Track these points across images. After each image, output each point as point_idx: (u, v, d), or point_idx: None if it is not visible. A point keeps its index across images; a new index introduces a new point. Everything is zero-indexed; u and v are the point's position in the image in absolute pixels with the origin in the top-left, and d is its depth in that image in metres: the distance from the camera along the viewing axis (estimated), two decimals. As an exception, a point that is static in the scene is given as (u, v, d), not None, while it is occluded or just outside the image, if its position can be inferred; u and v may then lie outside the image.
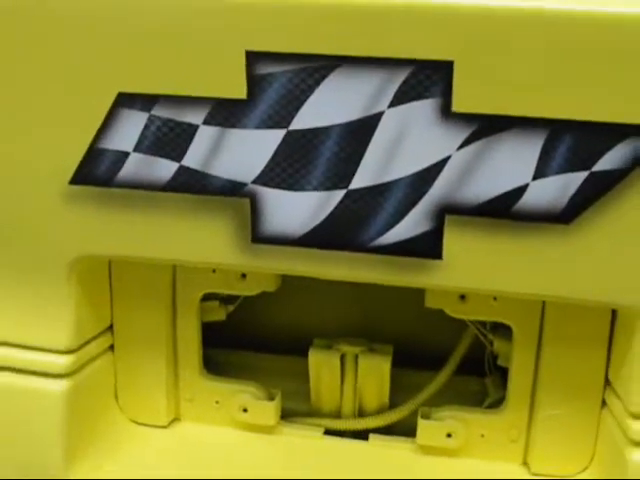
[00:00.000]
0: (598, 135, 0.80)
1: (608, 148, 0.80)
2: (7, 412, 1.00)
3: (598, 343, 0.97)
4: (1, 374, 1.00)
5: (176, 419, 1.12)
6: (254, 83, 0.83)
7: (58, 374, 0.98)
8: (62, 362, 0.98)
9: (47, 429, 0.99)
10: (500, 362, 1.07)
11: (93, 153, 0.88)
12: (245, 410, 1.08)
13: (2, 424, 1.01)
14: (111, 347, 1.08)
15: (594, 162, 0.81)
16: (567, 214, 0.83)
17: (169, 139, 0.86)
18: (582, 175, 0.81)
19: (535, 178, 0.82)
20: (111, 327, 1.07)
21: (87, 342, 1.02)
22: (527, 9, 0.77)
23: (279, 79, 0.82)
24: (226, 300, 1.11)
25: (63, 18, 0.84)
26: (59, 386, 0.98)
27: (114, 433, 1.08)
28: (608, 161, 0.80)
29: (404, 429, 1.09)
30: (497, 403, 1.07)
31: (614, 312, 0.95)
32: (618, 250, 0.84)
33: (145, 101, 0.85)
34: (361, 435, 1.10)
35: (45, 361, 0.98)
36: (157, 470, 1.04)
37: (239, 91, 0.83)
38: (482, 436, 1.04)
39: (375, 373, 1.09)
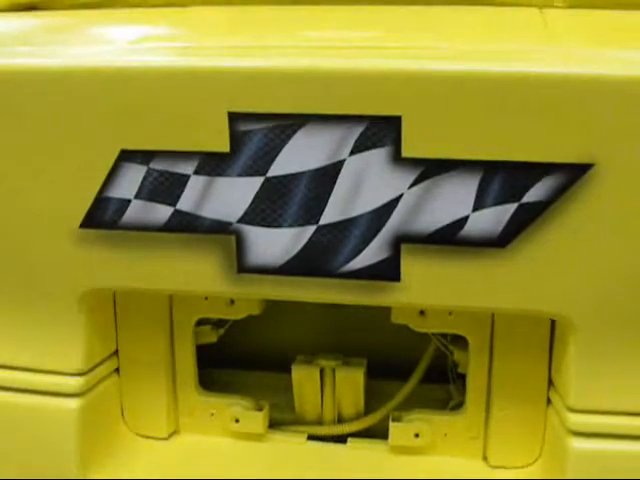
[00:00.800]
0: (524, 172, 0.95)
1: (534, 183, 0.95)
2: (26, 429, 1.14)
3: (541, 349, 1.12)
4: (21, 395, 1.13)
5: (176, 431, 1.25)
6: (236, 139, 0.98)
7: (72, 394, 1.12)
8: (75, 383, 1.12)
9: (63, 443, 1.13)
10: (460, 370, 1.21)
11: (100, 201, 1.03)
12: (237, 420, 1.22)
13: (22, 440, 1.14)
14: (117, 370, 1.22)
15: (522, 195, 0.96)
16: (502, 239, 0.98)
17: (165, 187, 1.01)
18: (513, 206, 0.97)
19: (474, 210, 0.98)
20: (116, 352, 1.21)
21: (96, 365, 1.15)
22: (460, 72, 0.93)
23: (257, 135, 0.97)
24: (217, 324, 1.25)
25: (75, 89, 0.99)
26: (73, 404, 1.12)
27: (121, 445, 1.21)
28: (534, 194, 0.96)
29: (378, 432, 1.24)
30: (459, 406, 1.22)
31: (553, 322, 1.10)
32: (548, 268, 0.99)
33: (144, 156, 1.00)
34: (341, 439, 1.24)
35: (60, 383, 1.12)
36: (160, 477, 1.17)
37: (223, 145, 0.98)
38: (446, 435, 1.19)
39: (351, 383, 1.23)
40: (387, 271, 1.02)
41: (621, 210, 0.95)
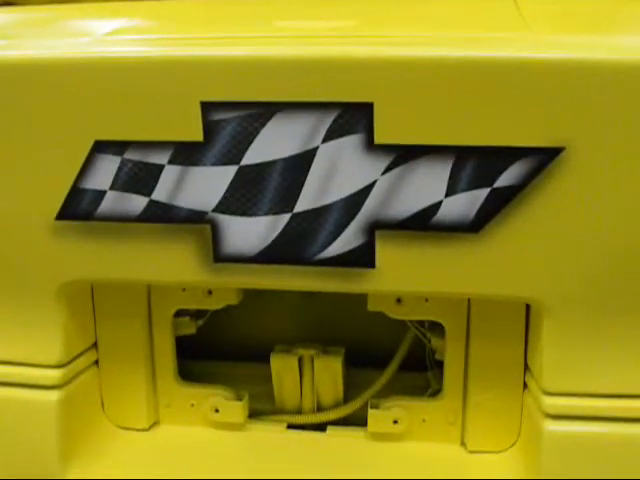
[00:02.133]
0: (496, 157, 0.96)
1: (505, 167, 0.96)
2: (6, 421, 1.14)
3: (517, 334, 1.13)
4: (0, 389, 1.14)
5: (156, 422, 1.26)
6: (209, 128, 0.98)
7: (51, 386, 1.12)
8: (54, 375, 1.12)
9: (43, 435, 1.13)
10: (438, 357, 1.22)
11: (75, 192, 1.03)
12: (217, 410, 1.23)
13: (2, 432, 1.14)
14: (96, 362, 1.22)
15: (495, 180, 0.97)
16: (475, 224, 0.99)
17: (139, 178, 1.02)
18: (485, 191, 0.98)
19: (447, 195, 0.98)
20: (95, 344, 1.21)
21: (75, 357, 1.16)
22: (431, 57, 0.94)
23: (230, 123, 0.98)
24: (196, 315, 1.26)
25: (48, 81, 0.99)
26: (52, 397, 1.12)
27: (102, 437, 1.21)
28: (506, 178, 0.97)
29: (358, 420, 1.24)
30: (437, 393, 1.23)
31: (529, 307, 1.12)
32: (521, 253, 1.00)
33: (118, 146, 1.01)
34: (320, 427, 1.25)
35: (39, 375, 1.12)
36: (141, 468, 1.18)
37: (197, 135, 0.99)
38: (424, 421, 1.20)
39: (329, 372, 1.24)
40: (362, 258, 1.02)
41: (592, 193, 0.96)
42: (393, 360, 1.26)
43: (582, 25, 1.16)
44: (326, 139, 0.98)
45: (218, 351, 1.33)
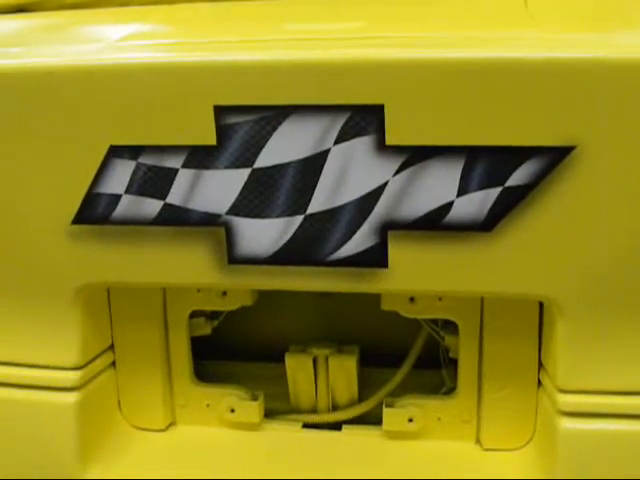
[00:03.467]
0: (507, 156, 0.97)
1: (517, 166, 0.97)
2: (26, 422, 1.15)
3: (530, 332, 1.14)
4: (19, 391, 1.15)
5: (172, 423, 1.27)
6: (222, 132, 0.99)
7: (69, 387, 1.14)
8: (72, 377, 1.14)
9: (62, 436, 1.15)
10: (452, 355, 1.23)
11: (91, 197, 1.05)
12: (232, 410, 1.24)
13: (21, 435, 1.16)
14: (113, 363, 1.23)
15: (506, 179, 0.98)
16: (488, 223, 1.00)
17: (154, 182, 1.03)
18: (497, 190, 0.98)
19: (459, 195, 0.99)
20: (112, 346, 1.23)
21: (92, 359, 1.17)
22: (440, 59, 0.94)
23: (243, 127, 0.99)
24: (211, 316, 1.27)
25: (63, 87, 1.01)
26: (71, 398, 1.14)
27: (119, 437, 1.23)
28: (517, 177, 0.97)
29: (372, 419, 1.25)
30: (452, 391, 1.23)
31: (542, 305, 1.12)
32: (533, 251, 1.00)
33: (133, 151, 1.02)
34: (336, 426, 1.26)
35: (58, 377, 1.14)
36: (158, 468, 1.19)
37: (210, 139, 1.00)
38: (439, 419, 1.21)
39: (344, 371, 1.25)
40: (374, 258, 1.03)
41: (604, 191, 0.97)
42: (407, 359, 1.26)
43: (591, 22, 1.16)
44: (338, 141, 0.99)
45: (233, 351, 1.34)
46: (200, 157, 1.01)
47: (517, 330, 1.14)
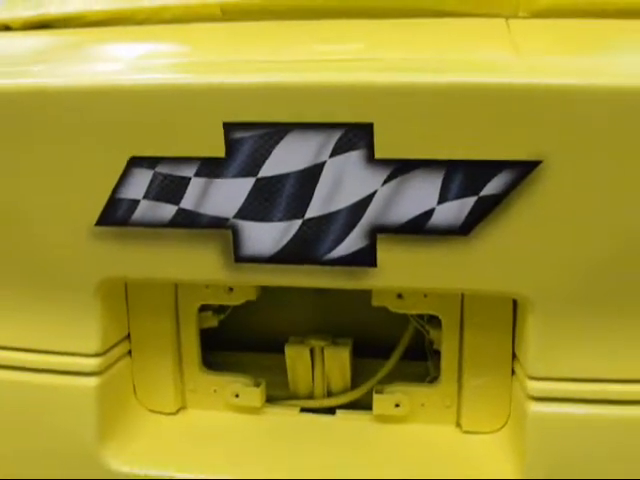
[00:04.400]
0: (482, 169, 1.09)
1: (490, 178, 1.09)
2: (50, 405, 1.28)
3: (505, 326, 1.26)
4: (44, 376, 1.28)
5: (182, 407, 1.40)
6: (230, 145, 1.12)
7: (90, 372, 1.26)
8: (93, 363, 1.26)
9: (84, 417, 1.27)
10: (436, 347, 1.36)
11: (113, 202, 1.17)
12: (237, 396, 1.36)
13: (46, 415, 1.29)
14: (129, 352, 1.36)
15: (481, 189, 1.10)
16: (465, 228, 1.12)
17: (169, 189, 1.15)
18: (473, 199, 1.11)
19: (439, 203, 1.12)
20: (128, 336, 1.35)
21: (111, 347, 1.30)
22: (424, 83, 1.07)
23: (249, 141, 1.12)
24: (218, 310, 1.40)
25: (90, 105, 1.14)
26: (92, 382, 1.27)
27: (134, 420, 1.36)
28: (491, 188, 1.10)
29: (363, 404, 1.38)
30: (435, 380, 1.36)
31: (515, 301, 1.25)
32: (506, 253, 1.13)
33: (150, 162, 1.14)
34: (330, 411, 1.39)
35: (80, 363, 1.26)
36: (169, 447, 1.32)
37: (219, 151, 1.12)
38: (423, 405, 1.33)
39: (338, 361, 1.38)
40: (365, 258, 1.16)
41: (568, 200, 1.09)
42: (395, 350, 1.39)
43: (569, 46, 1.29)
44: (333, 154, 1.11)
45: (238, 342, 1.47)
46: (210, 167, 1.14)
47: (493, 324, 1.27)
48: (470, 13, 1.50)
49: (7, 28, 1.66)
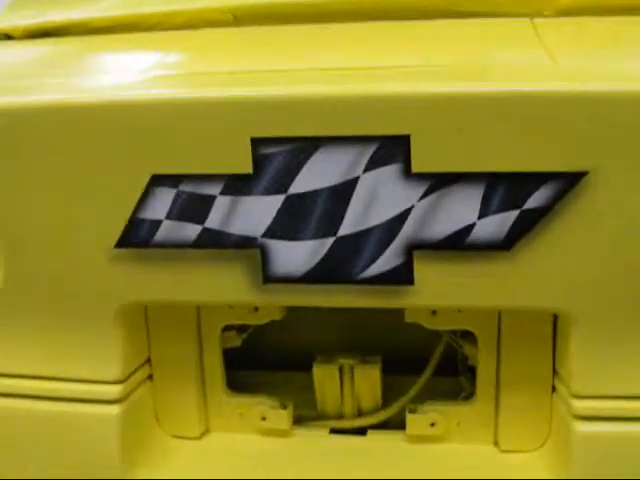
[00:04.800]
0: (525, 182, 1.04)
1: (533, 191, 1.04)
2: (72, 434, 1.22)
3: (545, 341, 1.21)
4: (65, 404, 1.22)
5: (207, 431, 1.34)
6: (258, 161, 1.06)
7: (112, 400, 1.21)
8: (115, 390, 1.21)
9: (106, 446, 1.22)
10: (470, 362, 1.30)
11: (133, 222, 1.11)
12: (264, 418, 1.31)
13: (69, 444, 1.23)
14: (149, 376, 1.30)
15: (524, 202, 1.05)
16: (507, 243, 1.07)
17: (193, 208, 1.10)
18: (515, 213, 1.05)
19: (480, 218, 1.06)
20: (149, 359, 1.30)
21: (132, 373, 1.24)
22: (463, 93, 1.02)
23: (278, 157, 1.06)
24: (241, 329, 1.34)
25: (109, 121, 1.08)
26: (114, 410, 1.21)
27: (157, 446, 1.30)
28: (534, 201, 1.04)
29: (395, 424, 1.33)
30: (470, 397, 1.31)
31: (555, 315, 1.19)
32: (549, 268, 1.08)
33: (173, 180, 1.09)
34: (361, 431, 1.33)
35: (101, 391, 1.21)
36: (194, 473, 1.27)
37: (247, 168, 1.07)
38: (459, 424, 1.28)
39: (368, 380, 1.32)
40: (401, 276, 1.10)
41: (615, 213, 1.04)
42: (427, 366, 1.34)
43: (600, 48, 1.23)
44: (367, 169, 1.06)
45: (263, 361, 1.41)
46: (237, 185, 1.08)
47: (532, 339, 1.21)
48: (492, 13, 1.44)
49: (8, 37, 1.59)
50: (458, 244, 1.08)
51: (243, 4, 1.46)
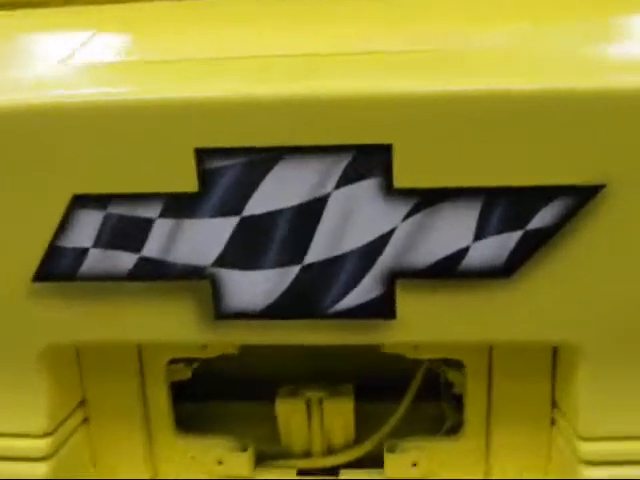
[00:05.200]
0: (530, 197, 0.86)
1: (539, 208, 0.87)
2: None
3: (543, 371, 1.05)
4: (-15, 463, 1.03)
5: (155, 478, 1.16)
6: (205, 177, 0.86)
7: (39, 457, 1.01)
8: (41, 445, 1.01)
9: (33, 509, 1.03)
10: (456, 390, 1.14)
11: (52, 252, 0.91)
12: (220, 462, 1.13)
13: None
14: (85, 420, 1.11)
15: (528, 221, 0.87)
16: (507, 269, 0.89)
17: (127, 233, 0.90)
18: (518, 234, 0.88)
19: (476, 240, 0.88)
20: (83, 400, 1.10)
21: (63, 421, 1.04)
22: (454, 92, 0.83)
23: (229, 171, 0.86)
24: (190, 360, 1.15)
25: (17, 128, 0.87)
26: (42, 469, 1.02)
27: (97, 500, 1.12)
28: (541, 219, 0.87)
29: (372, 460, 1.16)
30: (456, 427, 1.14)
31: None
32: (556, 296, 0.91)
33: (100, 200, 0.88)
34: (332, 471, 1.16)
35: (26, 446, 1.01)
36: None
37: (191, 185, 0.87)
38: (444, 462, 1.12)
39: (340, 413, 1.15)
40: (381, 309, 0.92)
41: (634, 231, 0.87)
42: (406, 395, 1.16)
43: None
44: (339, 185, 0.87)
45: (217, 390, 1.22)
46: (180, 205, 0.88)
47: (529, 369, 1.05)
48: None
49: None
50: (449, 271, 0.90)
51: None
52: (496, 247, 0.88)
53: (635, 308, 0.91)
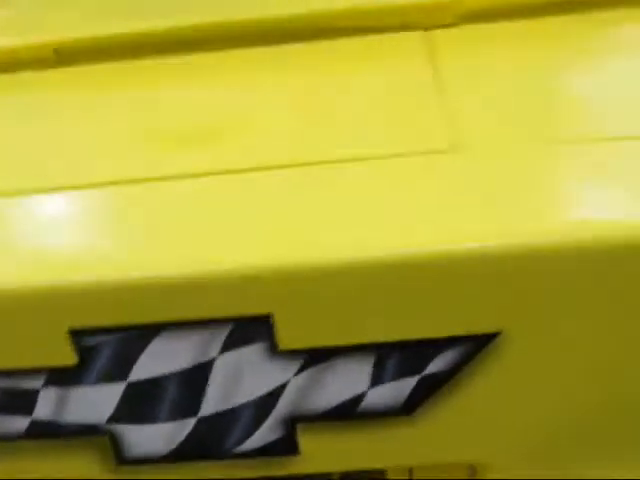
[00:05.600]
0: (424, 348, 0.83)
1: (434, 356, 0.84)
2: None
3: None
4: None
5: None
6: (83, 352, 0.83)
7: None
8: None
9: None
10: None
11: None
12: None
13: None
14: None
15: (424, 368, 0.85)
16: (406, 408, 0.87)
17: (13, 402, 0.87)
18: (414, 379, 0.85)
19: (372, 386, 0.86)
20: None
21: None
22: (333, 260, 0.78)
23: (107, 346, 0.82)
24: None
25: None
26: None
27: None
28: (436, 365, 0.84)
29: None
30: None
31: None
32: (459, 426, 0.89)
33: (-21, 374, 0.85)
34: None
35: None
36: None
37: (70, 359, 0.83)
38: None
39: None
40: (284, 447, 0.91)
41: (528, 371, 0.85)
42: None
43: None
44: (223, 350, 0.83)
45: None
46: (63, 376, 0.85)
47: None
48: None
49: None
50: (348, 414, 0.88)
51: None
52: (393, 391, 0.86)
53: (533, 430, 0.90)
